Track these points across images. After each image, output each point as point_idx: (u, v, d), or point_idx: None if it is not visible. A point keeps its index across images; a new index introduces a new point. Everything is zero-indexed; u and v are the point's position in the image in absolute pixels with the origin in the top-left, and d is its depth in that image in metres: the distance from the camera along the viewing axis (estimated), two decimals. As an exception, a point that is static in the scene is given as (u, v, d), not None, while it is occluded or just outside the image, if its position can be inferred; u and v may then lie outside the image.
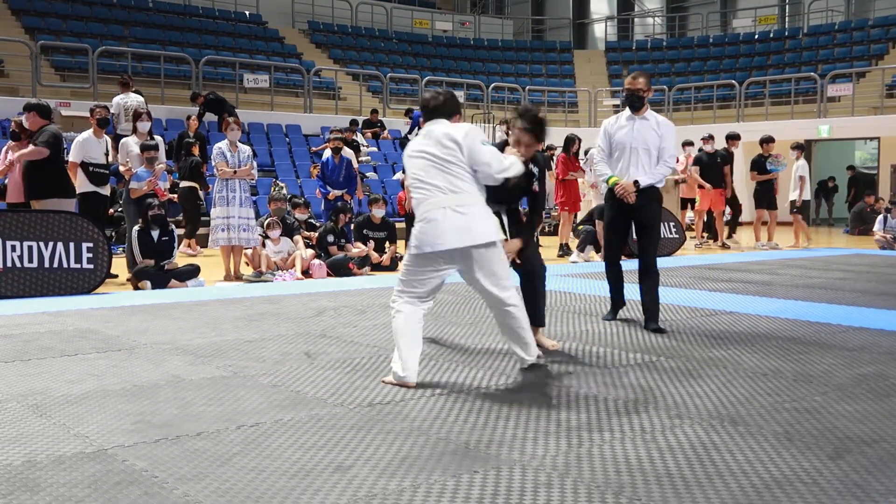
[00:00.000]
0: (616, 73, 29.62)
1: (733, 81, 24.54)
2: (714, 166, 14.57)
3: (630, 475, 3.19)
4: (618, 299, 6.79)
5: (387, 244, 10.98)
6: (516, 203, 5.66)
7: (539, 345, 5.29)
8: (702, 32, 31.68)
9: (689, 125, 23.36)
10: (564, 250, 12.92)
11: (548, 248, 12.63)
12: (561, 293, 8.23)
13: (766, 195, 14.34)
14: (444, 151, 4.64)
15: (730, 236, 15.26)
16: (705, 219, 15.29)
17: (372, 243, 10.66)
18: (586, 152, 13.75)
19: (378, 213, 10.87)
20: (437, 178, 4.63)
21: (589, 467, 3.28)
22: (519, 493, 3.01)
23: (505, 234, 5.38)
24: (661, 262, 11.38)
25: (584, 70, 29.41)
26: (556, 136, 15.32)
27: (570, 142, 13.07)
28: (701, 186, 14.58)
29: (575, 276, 9.79)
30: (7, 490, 3.01)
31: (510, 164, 4.79)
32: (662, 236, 12.94)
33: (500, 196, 5.34)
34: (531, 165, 5.49)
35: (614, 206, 6.40)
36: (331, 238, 10.37)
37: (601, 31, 34.73)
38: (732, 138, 15.12)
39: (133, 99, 15.08)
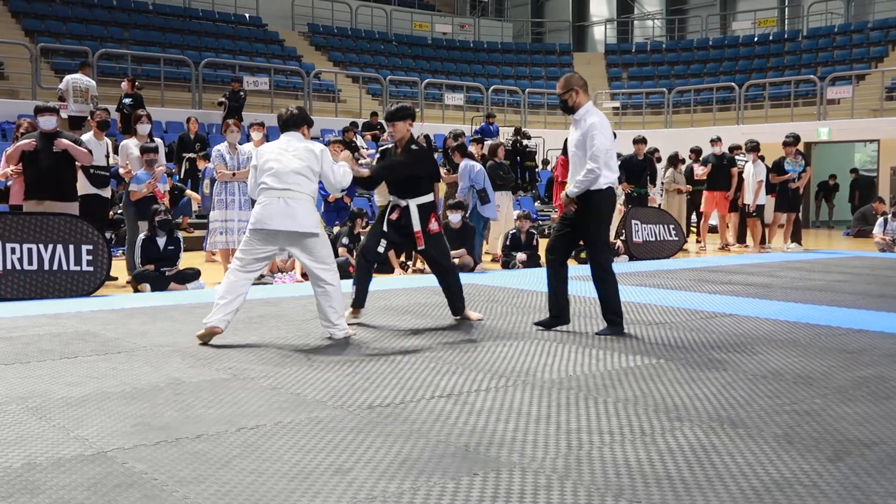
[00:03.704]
0: (616, 76, 29.68)
1: (733, 84, 24.56)
2: (721, 168, 14.59)
3: (630, 477, 3.19)
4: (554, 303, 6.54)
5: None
6: (418, 193, 6.60)
7: (466, 317, 6.79)
8: (701, 35, 31.71)
9: (689, 128, 23.40)
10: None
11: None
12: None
13: (785, 197, 14.31)
14: (301, 162, 5.85)
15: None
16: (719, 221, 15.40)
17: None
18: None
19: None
20: (291, 178, 5.81)
21: (589, 469, 3.28)
22: (519, 495, 3.01)
23: (412, 226, 6.55)
24: (661, 264, 11.40)
25: (583, 72, 29.01)
26: (555, 139, 15.32)
27: (570, 144, 13.04)
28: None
29: (573, 278, 9.77)
30: (7, 492, 3.01)
31: (343, 175, 6.08)
32: (662, 238, 12.95)
33: (401, 187, 6.58)
34: (413, 146, 6.66)
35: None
36: (345, 241, 10.37)
37: (601, 33, 34.77)
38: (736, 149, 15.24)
39: (83, 80, 15.12)
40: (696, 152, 15.68)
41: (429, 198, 6.66)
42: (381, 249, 6.66)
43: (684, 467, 3.30)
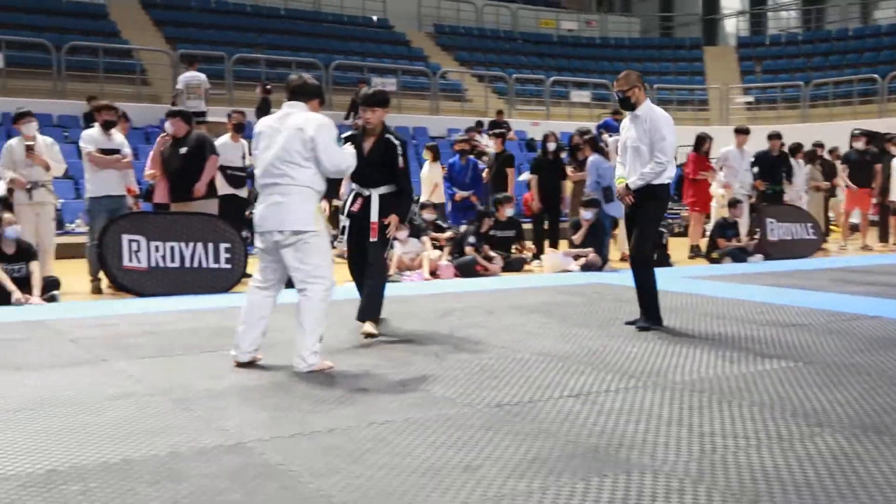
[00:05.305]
0: (748, 70, 28.75)
1: (875, 75, 23.45)
2: (864, 165, 13.94)
3: (767, 483, 3.09)
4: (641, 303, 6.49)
5: (517, 243, 11.12)
6: (386, 185, 6.11)
7: (365, 331, 5.99)
8: (840, 25, 30.39)
9: (827, 122, 22.47)
10: (695, 251, 12.62)
11: (677, 249, 12.38)
12: (691, 296, 8.04)
13: None
14: (291, 141, 4.94)
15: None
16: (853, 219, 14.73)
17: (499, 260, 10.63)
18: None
19: (507, 212, 10.92)
20: (279, 165, 4.96)
21: (723, 474, 3.19)
22: (650, 498, 2.96)
23: (367, 217, 6.03)
24: (798, 264, 10.99)
25: (714, 67, 28.65)
26: (686, 136, 14.94)
27: (701, 140, 12.75)
28: (847, 186, 14.07)
29: (705, 278, 9.55)
30: (153, 479, 3.16)
31: (342, 160, 5.11)
32: (800, 237, 12.48)
33: (363, 175, 5.97)
34: (390, 137, 6.08)
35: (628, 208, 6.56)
36: (472, 240, 10.43)
37: (732, 26, 33.76)
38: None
39: (196, 77, 15.66)
40: (820, 147, 14.99)
41: (391, 188, 6.14)
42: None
43: (825, 475, 3.17)
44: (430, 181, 12.88)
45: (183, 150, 8.99)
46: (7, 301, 7.61)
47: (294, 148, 4.95)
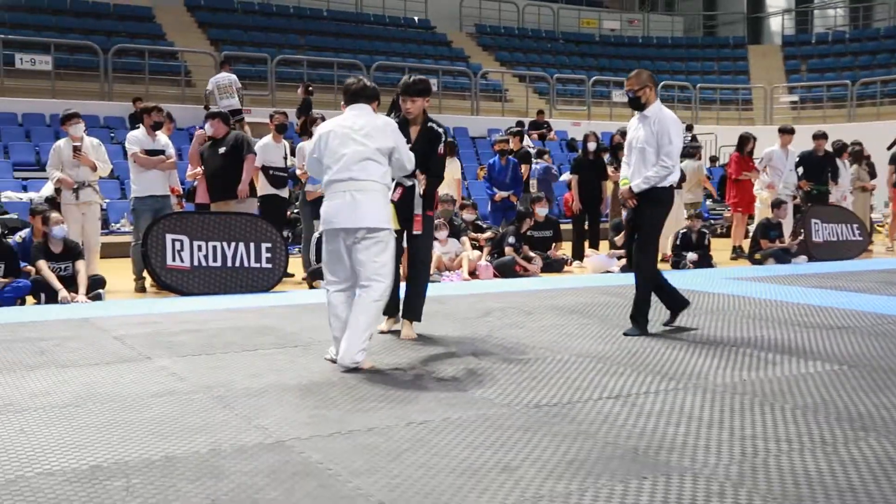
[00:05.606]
0: (794, 69, 28.36)
1: (924, 74, 23.02)
2: None
3: (809, 488, 3.05)
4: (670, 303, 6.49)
5: (553, 244, 11.03)
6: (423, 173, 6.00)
7: (405, 332, 5.99)
8: (889, 23, 29.85)
9: (875, 122, 22.10)
10: (738, 252, 12.48)
11: (719, 250, 12.25)
12: (733, 297, 7.96)
13: None
14: (373, 138, 5.05)
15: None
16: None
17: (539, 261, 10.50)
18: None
19: (541, 211, 10.86)
20: (360, 160, 5.01)
21: (765, 478, 3.15)
22: (690, 501, 2.93)
23: (409, 208, 5.92)
24: (844, 266, 10.83)
25: (759, 66, 28.29)
26: (729, 135, 14.86)
27: (745, 141, 12.62)
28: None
29: (747, 279, 9.44)
30: (195, 475, 3.20)
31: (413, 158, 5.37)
32: (845, 238, 12.29)
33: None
34: (433, 125, 6.04)
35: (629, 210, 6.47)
36: (512, 240, 10.41)
37: (777, 24, 33.30)
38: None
39: (226, 78, 15.85)
40: (859, 146, 14.71)
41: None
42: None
43: (869, 480, 3.12)
44: (450, 176, 12.83)
45: (222, 149, 9.12)
46: (54, 299, 7.76)
47: (376, 145, 5.06)
